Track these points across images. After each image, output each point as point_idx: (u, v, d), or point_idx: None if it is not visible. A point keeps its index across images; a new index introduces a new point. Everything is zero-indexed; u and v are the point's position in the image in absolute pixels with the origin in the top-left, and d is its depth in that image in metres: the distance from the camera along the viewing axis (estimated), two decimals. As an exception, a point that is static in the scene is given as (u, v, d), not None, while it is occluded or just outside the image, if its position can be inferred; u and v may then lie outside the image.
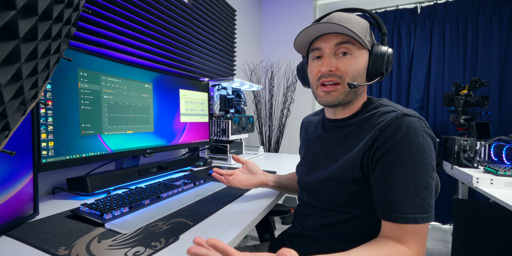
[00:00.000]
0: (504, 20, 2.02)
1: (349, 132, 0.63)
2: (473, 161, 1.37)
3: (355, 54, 0.60)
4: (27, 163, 0.59)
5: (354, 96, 0.63)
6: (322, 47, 0.61)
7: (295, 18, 2.52)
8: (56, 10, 0.25)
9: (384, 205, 0.53)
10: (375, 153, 0.55)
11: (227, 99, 1.49)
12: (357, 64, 0.60)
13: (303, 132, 0.83)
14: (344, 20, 0.60)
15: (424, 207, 0.50)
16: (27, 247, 0.50)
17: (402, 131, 0.53)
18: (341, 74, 0.60)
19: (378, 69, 0.61)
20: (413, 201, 0.50)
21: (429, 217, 0.50)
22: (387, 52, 0.61)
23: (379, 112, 0.60)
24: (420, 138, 0.53)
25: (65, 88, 0.72)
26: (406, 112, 0.56)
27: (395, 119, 0.54)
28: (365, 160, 0.57)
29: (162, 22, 1.29)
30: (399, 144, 0.53)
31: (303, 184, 0.73)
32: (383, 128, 0.55)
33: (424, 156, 0.52)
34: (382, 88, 2.38)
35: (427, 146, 0.53)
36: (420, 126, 0.54)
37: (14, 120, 0.25)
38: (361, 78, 0.62)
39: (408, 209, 0.50)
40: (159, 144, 1.06)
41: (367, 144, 0.56)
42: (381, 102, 0.64)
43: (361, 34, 0.59)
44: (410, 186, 0.51)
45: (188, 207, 0.71)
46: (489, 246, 1.40)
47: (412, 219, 0.50)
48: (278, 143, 2.36)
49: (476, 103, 1.73)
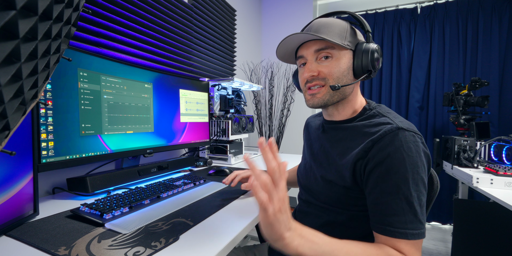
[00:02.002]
0: (504, 20, 2.02)
1: (344, 136, 0.64)
2: (473, 161, 1.37)
3: (336, 56, 0.62)
4: (27, 163, 0.59)
5: (342, 96, 0.64)
6: (304, 54, 0.65)
7: (295, 18, 2.52)
8: (56, 10, 0.25)
9: (376, 217, 0.54)
10: (367, 164, 0.56)
11: (227, 99, 1.49)
12: (340, 65, 0.62)
13: (306, 133, 0.84)
14: (322, 27, 0.62)
15: (416, 223, 0.50)
16: (27, 247, 0.50)
17: (395, 144, 0.53)
18: (324, 77, 0.63)
19: (363, 66, 0.62)
20: (405, 216, 0.50)
21: (420, 234, 0.50)
22: (371, 49, 0.62)
23: (375, 122, 0.60)
24: (414, 152, 0.52)
25: (65, 88, 0.72)
26: (401, 125, 0.55)
27: (390, 132, 0.55)
28: (357, 169, 0.57)
29: (162, 22, 1.29)
30: (391, 156, 0.53)
31: (302, 183, 0.75)
32: (377, 140, 0.55)
33: (417, 171, 0.52)
34: (382, 88, 2.38)
35: (420, 162, 0.53)
36: (414, 140, 0.54)
37: (14, 120, 0.25)
38: (346, 78, 0.63)
39: (400, 223, 0.50)
40: (159, 144, 1.06)
41: (359, 153, 0.57)
42: (379, 110, 0.64)
43: (340, 36, 0.61)
44: (403, 200, 0.51)
45: (188, 207, 0.71)
46: (489, 246, 1.40)
47: (403, 234, 0.50)
48: (278, 143, 2.36)
49: (476, 103, 1.73)
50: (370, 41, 0.64)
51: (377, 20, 2.37)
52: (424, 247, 1.88)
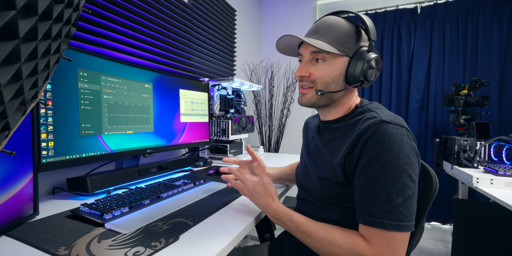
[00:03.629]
0: (504, 20, 2.02)
1: (337, 136, 0.65)
2: (473, 161, 1.37)
3: (329, 61, 0.62)
4: (27, 163, 0.59)
5: (329, 100, 0.65)
6: (302, 53, 0.66)
7: (295, 18, 2.52)
8: (56, 10, 0.25)
9: (358, 208, 0.55)
10: (353, 158, 0.57)
11: (227, 99, 1.49)
12: (331, 71, 0.62)
13: (304, 133, 0.86)
14: (324, 28, 0.62)
15: (396, 214, 0.50)
16: (27, 247, 0.50)
17: (377, 136, 0.53)
18: (314, 79, 0.64)
19: (355, 76, 0.62)
20: (383, 206, 0.50)
21: (401, 226, 0.49)
22: (367, 58, 0.61)
23: (363, 118, 0.60)
24: (395, 144, 0.52)
25: (65, 88, 0.72)
26: (386, 119, 0.55)
27: (373, 125, 0.55)
28: (347, 164, 0.58)
29: (162, 22, 1.29)
30: (372, 149, 0.53)
31: (300, 182, 0.77)
32: (361, 134, 0.56)
33: (398, 163, 0.51)
34: (382, 88, 2.38)
35: (402, 154, 0.52)
36: (397, 133, 0.53)
37: (14, 120, 0.25)
38: (335, 84, 0.63)
39: (378, 213, 0.51)
40: (159, 144, 1.06)
41: (348, 149, 0.58)
42: (369, 107, 0.64)
43: (338, 41, 0.61)
44: (381, 191, 0.51)
45: (188, 207, 0.71)
46: (489, 246, 1.40)
47: (380, 224, 0.50)
48: (278, 143, 2.36)
49: (476, 103, 1.73)
50: (372, 50, 0.62)
51: (377, 20, 2.37)
52: (424, 247, 1.88)
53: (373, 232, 0.51)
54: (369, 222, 0.51)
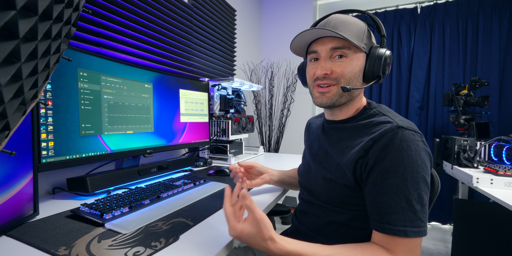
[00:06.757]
0: (504, 20, 2.02)
1: (345, 136, 0.64)
2: (473, 161, 1.37)
3: (351, 57, 0.61)
4: (27, 163, 0.59)
5: (349, 98, 0.63)
6: (318, 50, 0.62)
7: (295, 18, 2.52)
8: (56, 10, 0.25)
9: (375, 216, 0.54)
10: (367, 163, 0.55)
11: (227, 99, 1.49)
12: (353, 67, 0.61)
13: (307, 134, 0.85)
14: (341, 24, 0.60)
15: (416, 221, 0.50)
16: (27, 247, 0.50)
17: (395, 143, 0.53)
18: (337, 76, 0.61)
19: (374, 72, 0.61)
20: (404, 214, 0.50)
21: (420, 231, 0.50)
22: (385, 55, 0.61)
23: (375, 121, 0.60)
24: (413, 151, 0.52)
25: (65, 88, 0.72)
26: (401, 124, 0.55)
27: (390, 130, 0.54)
28: (358, 168, 0.57)
29: (162, 22, 1.29)
30: (390, 156, 0.52)
31: (303, 183, 0.75)
32: (377, 139, 0.55)
33: (416, 170, 0.51)
34: (382, 89, 2.38)
35: (420, 160, 0.52)
36: (414, 139, 0.53)
37: (14, 120, 0.25)
38: (356, 81, 0.62)
39: (399, 221, 0.50)
40: (159, 144, 1.06)
41: (360, 152, 0.57)
42: (379, 110, 0.64)
43: (358, 38, 0.60)
44: (402, 199, 0.51)
45: (188, 207, 0.71)
46: (489, 246, 1.40)
47: (402, 232, 0.50)
48: (278, 143, 2.36)
49: (476, 103, 1.73)
50: (384, 46, 0.63)
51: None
52: (424, 247, 1.88)
53: (395, 240, 0.50)
54: (390, 231, 0.50)
